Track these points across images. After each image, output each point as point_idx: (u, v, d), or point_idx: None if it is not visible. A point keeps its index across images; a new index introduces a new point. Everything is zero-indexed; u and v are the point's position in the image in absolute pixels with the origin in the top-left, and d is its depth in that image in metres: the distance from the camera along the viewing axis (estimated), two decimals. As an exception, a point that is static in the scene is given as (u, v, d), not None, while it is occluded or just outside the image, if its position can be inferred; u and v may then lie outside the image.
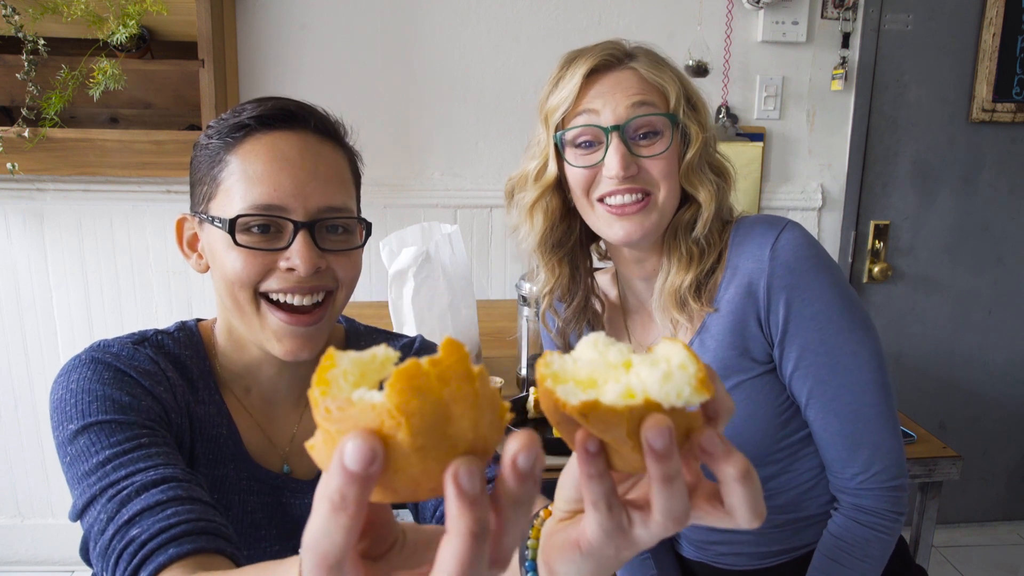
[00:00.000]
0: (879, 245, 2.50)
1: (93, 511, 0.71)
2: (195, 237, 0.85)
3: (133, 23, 1.89)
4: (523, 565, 0.48)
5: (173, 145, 2.01)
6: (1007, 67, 2.38)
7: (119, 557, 0.66)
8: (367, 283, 2.34)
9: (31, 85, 1.91)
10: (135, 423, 0.75)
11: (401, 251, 1.66)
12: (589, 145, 0.99)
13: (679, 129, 0.99)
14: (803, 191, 2.42)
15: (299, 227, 0.79)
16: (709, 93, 1.18)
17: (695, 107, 1.01)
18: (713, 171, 1.02)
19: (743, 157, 2.31)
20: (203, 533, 0.67)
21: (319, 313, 0.82)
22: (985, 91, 2.39)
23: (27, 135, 1.92)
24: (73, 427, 0.75)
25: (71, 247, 2.24)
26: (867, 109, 2.40)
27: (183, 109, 2.10)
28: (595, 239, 1.14)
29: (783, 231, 0.98)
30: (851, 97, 2.37)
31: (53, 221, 2.22)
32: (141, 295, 2.27)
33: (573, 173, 1.02)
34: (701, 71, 2.24)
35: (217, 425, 0.85)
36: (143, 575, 0.64)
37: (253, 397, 0.90)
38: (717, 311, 1.01)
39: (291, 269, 0.79)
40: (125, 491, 0.70)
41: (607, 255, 1.18)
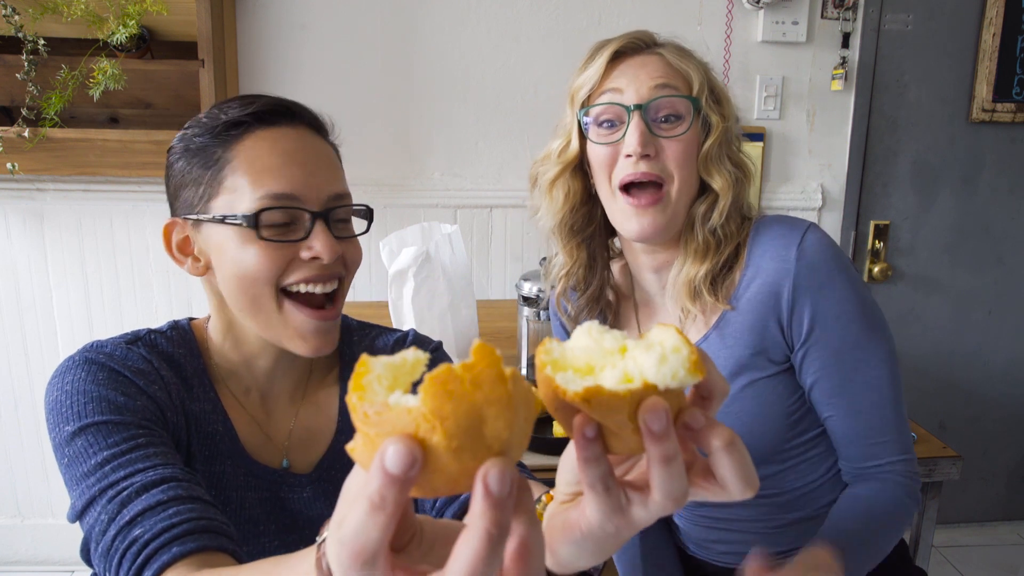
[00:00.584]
0: (879, 245, 2.50)
1: (93, 512, 0.71)
2: (187, 241, 0.84)
3: (133, 23, 1.89)
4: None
5: (173, 145, 2.02)
6: (1007, 67, 2.38)
7: (122, 557, 0.66)
8: (367, 283, 2.34)
9: (31, 85, 1.91)
10: (132, 423, 0.76)
11: (401, 251, 1.66)
12: (611, 124, 1.00)
13: (700, 116, 1.00)
14: (803, 191, 2.42)
15: (316, 216, 0.80)
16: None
17: (718, 99, 1.03)
18: (732, 163, 1.03)
19: (743, 157, 2.31)
20: (205, 531, 0.68)
21: (337, 304, 0.84)
22: (985, 91, 2.39)
23: (27, 135, 1.92)
24: (70, 428, 0.75)
25: (71, 247, 2.24)
26: (867, 109, 2.40)
27: (183, 109, 2.10)
28: (614, 233, 1.14)
29: (807, 232, 0.99)
30: (851, 97, 2.37)
31: (53, 221, 2.22)
32: (141, 295, 2.27)
33: (595, 152, 1.02)
34: (701, 71, 2.24)
35: (213, 422, 0.86)
36: (147, 574, 0.65)
37: (251, 394, 0.90)
38: (734, 309, 1.02)
39: (315, 258, 0.80)
40: (125, 492, 0.70)
41: (619, 251, 1.18)
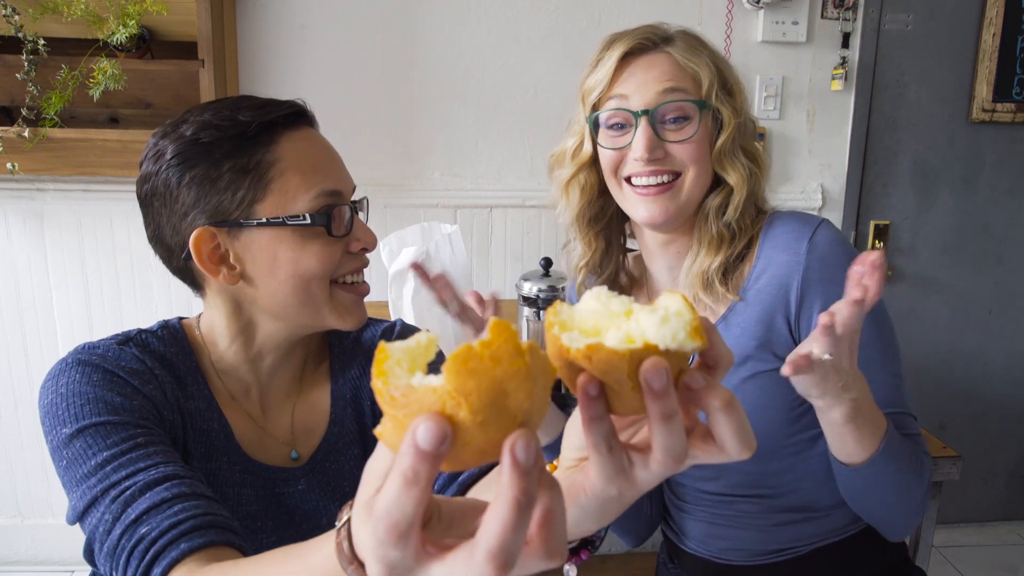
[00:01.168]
0: (879, 245, 2.50)
1: (96, 512, 0.71)
2: (218, 249, 0.81)
3: (133, 23, 1.88)
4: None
5: (173, 145, 2.02)
6: (1007, 67, 2.38)
7: (130, 555, 0.67)
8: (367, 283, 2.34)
9: (31, 85, 1.90)
10: (129, 423, 0.76)
11: (401, 251, 1.66)
12: (620, 127, 1.02)
13: (710, 114, 1.01)
14: (803, 191, 2.42)
15: (353, 209, 0.84)
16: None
17: (731, 92, 1.03)
18: (747, 156, 1.03)
19: (743, 157, 2.32)
20: (211, 527, 0.69)
21: (367, 285, 0.90)
22: (985, 91, 2.39)
23: (27, 135, 1.92)
24: (67, 431, 0.75)
25: (71, 247, 2.24)
26: (867, 109, 2.40)
27: (183, 109, 2.08)
28: (628, 219, 1.17)
29: (819, 227, 1.00)
30: (851, 97, 2.37)
31: (53, 221, 2.22)
32: (141, 295, 2.27)
33: (604, 154, 1.05)
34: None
35: (207, 419, 0.86)
36: (156, 571, 0.65)
37: (249, 392, 0.91)
38: (743, 300, 1.03)
39: (364, 249, 0.86)
40: (128, 491, 0.70)
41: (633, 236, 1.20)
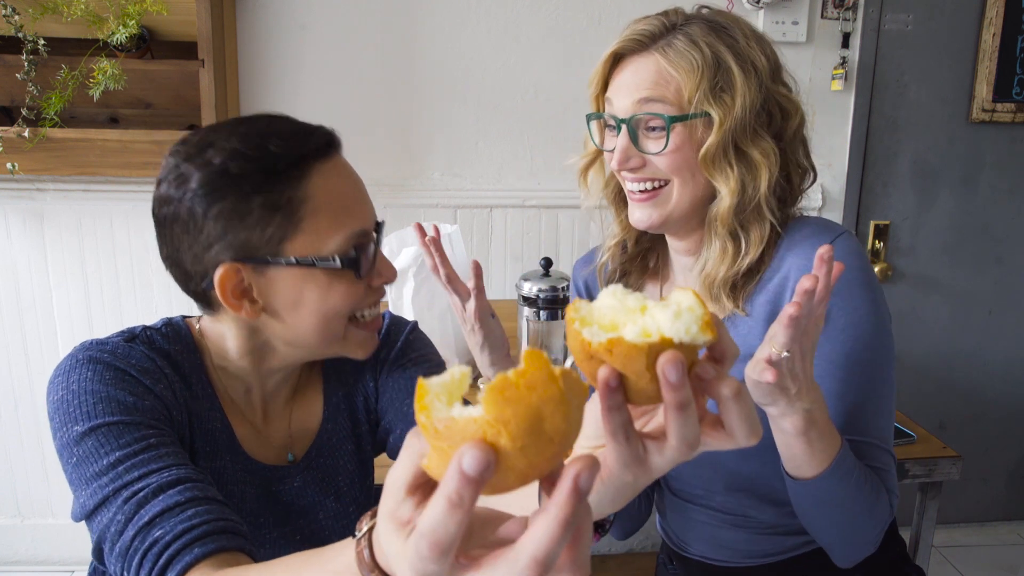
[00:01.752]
0: (879, 245, 2.50)
1: (107, 512, 0.72)
2: (241, 284, 0.79)
3: (133, 23, 1.88)
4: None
5: (173, 145, 2.02)
6: (1007, 67, 2.38)
7: (143, 557, 0.68)
8: (367, 283, 2.34)
9: (31, 85, 1.90)
10: (141, 423, 0.76)
11: (401, 251, 1.66)
12: (612, 128, 1.02)
13: (693, 122, 0.95)
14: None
15: (377, 245, 0.84)
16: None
17: (728, 89, 0.95)
18: (741, 160, 0.97)
19: (743, 157, 2.31)
20: (224, 532, 0.70)
21: (381, 316, 0.90)
22: (985, 91, 2.39)
23: (27, 135, 1.92)
24: (79, 428, 0.75)
25: (71, 247, 2.24)
26: (867, 109, 2.40)
27: (183, 109, 2.10)
28: None
29: (839, 238, 0.96)
30: (851, 97, 2.37)
31: (53, 221, 2.22)
32: (141, 295, 2.27)
33: (605, 154, 1.06)
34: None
35: (211, 419, 0.87)
36: (170, 574, 0.67)
37: (251, 394, 0.91)
38: (748, 315, 1.00)
39: (384, 283, 0.86)
40: (141, 492, 0.71)
41: None
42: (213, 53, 1.96)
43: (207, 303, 0.85)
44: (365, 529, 0.50)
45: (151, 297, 2.27)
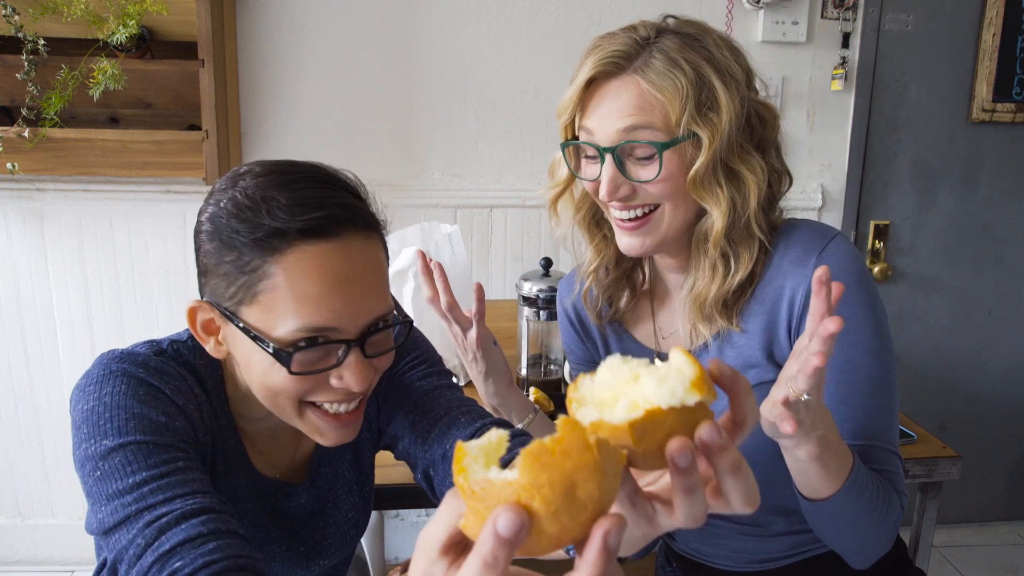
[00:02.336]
0: (879, 245, 2.50)
1: (127, 532, 0.70)
2: (211, 323, 0.79)
3: (133, 23, 1.88)
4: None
5: (173, 145, 2.01)
6: (1007, 67, 2.38)
7: None
8: (367, 283, 2.33)
9: (31, 85, 1.90)
10: (171, 445, 0.75)
11: (401, 251, 1.66)
12: (592, 158, 0.97)
13: (682, 144, 0.92)
14: (803, 191, 2.42)
15: (351, 346, 0.75)
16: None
17: (713, 107, 0.91)
18: (730, 179, 0.94)
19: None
20: (242, 569, 0.69)
21: (360, 409, 0.81)
22: (985, 91, 2.39)
23: (27, 135, 1.92)
24: (109, 443, 0.74)
25: (71, 247, 2.24)
26: (867, 109, 2.40)
27: (183, 109, 2.10)
28: None
29: (831, 242, 0.94)
30: (851, 97, 2.37)
31: (53, 221, 2.22)
32: (141, 295, 2.27)
33: (584, 183, 1.01)
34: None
35: (228, 436, 0.87)
36: None
37: (260, 418, 0.89)
38: (743, 332, 0.98)
39: (347, 388, 0.77)
40: (164, 519, 0.70)
41: None
42: (213, 53, 1.96)
43: None
44: None
45: (151, 297, 2.27)
